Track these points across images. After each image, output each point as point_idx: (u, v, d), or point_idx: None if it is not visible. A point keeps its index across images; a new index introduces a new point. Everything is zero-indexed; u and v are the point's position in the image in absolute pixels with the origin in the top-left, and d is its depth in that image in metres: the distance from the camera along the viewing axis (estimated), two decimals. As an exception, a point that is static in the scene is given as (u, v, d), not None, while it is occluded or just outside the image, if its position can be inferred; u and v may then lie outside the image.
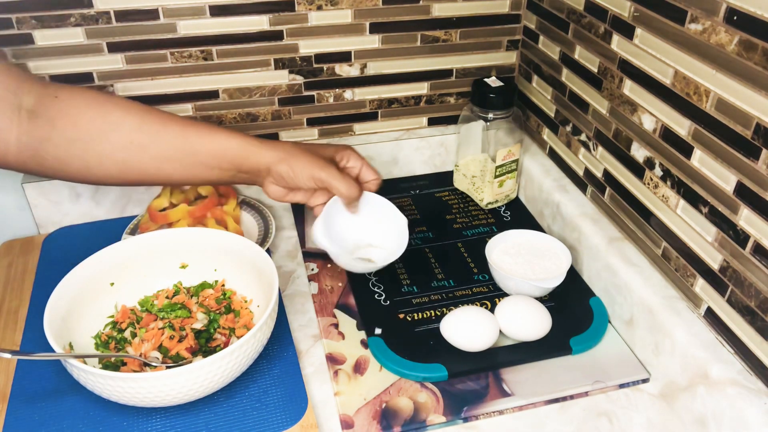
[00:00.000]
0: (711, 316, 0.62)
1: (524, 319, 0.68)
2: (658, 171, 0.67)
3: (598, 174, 0.79)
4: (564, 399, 0.65)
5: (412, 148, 0.97)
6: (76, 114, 0.65)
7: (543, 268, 0.75)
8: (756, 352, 0.58)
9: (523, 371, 0.67)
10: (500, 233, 0.80)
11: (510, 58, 0.95)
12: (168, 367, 0.63)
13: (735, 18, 0.54)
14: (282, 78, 0.88)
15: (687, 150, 0.63)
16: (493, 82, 0.85)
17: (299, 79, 0.89)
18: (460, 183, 0.94)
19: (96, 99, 0.67)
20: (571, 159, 0.85)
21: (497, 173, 0.87)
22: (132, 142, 0.66)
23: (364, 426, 0.61)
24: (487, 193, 0.89)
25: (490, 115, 0.85)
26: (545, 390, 0.65)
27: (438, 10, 0.88)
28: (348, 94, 0.92)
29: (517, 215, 0.90)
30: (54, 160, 0.65)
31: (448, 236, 0.85)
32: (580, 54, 0.79)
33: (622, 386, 0.66)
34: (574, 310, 0.73)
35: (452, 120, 0.98)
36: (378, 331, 0.70)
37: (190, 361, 0.62)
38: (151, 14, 0.80)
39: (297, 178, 0.69)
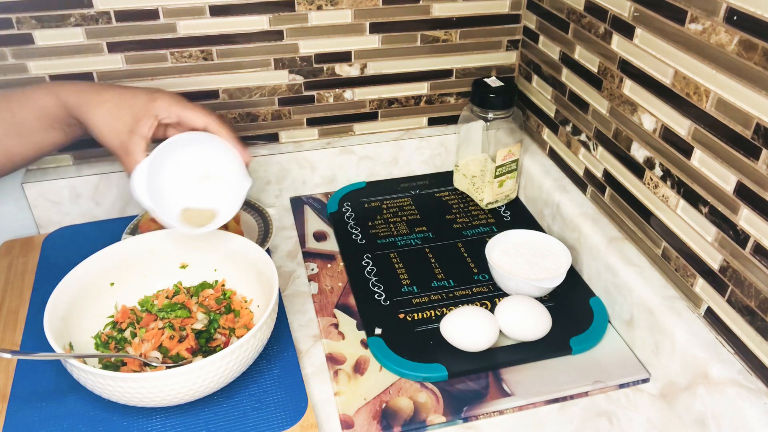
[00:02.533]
0: (711, 316, 0.63)
1: (524, 319, 0.68)
2: (658, 171, 0.67)
3: (598, 174, 0.79)
4: (564, 399, 0.65)
5: (412, 148, 0.97)
6: None
7: (543, 268, 0.75)
8: (756, 352, 0.58)
9: (523, 371, 0.67)
10: (500, 233, 0.80)
11: (510, 58, 0.95)
12: (168, 367, 0.63)
13: (735, 18, 0.54)
14: (282, 78, 0.88)
15: (687, 150, 0.63)
16: (493, 82, 0.85)
17: (299, 79, 0.89)
18: (460, 183, 0.94)
19: None
20: (571, 159, 0.85)
21: (497, 173, 0.87)
22: None
23: (364, 426, 0.61)
24: (487, 193, 0.89)
25: (490, 115, 0.85)
26: (545, 390, 0.65)
27: (438, 10, 0.88)
28: (348, 94, 0.92)
29: (517, 215, 0.90)
30: None
31: (448, 236, 0.85)
32: (580, 54, 0.79)
33: (622, 386, 0.66)
34: (574, 310, 0.73)
35: (452, 120, 0.98)
36: (378, 331, 0.70)
37: (190, 361, 0.62)
38: (151, 14, 0.80)
39: (101, 126, 0.64)
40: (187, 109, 0.65)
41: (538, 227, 0.87)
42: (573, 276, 0.77)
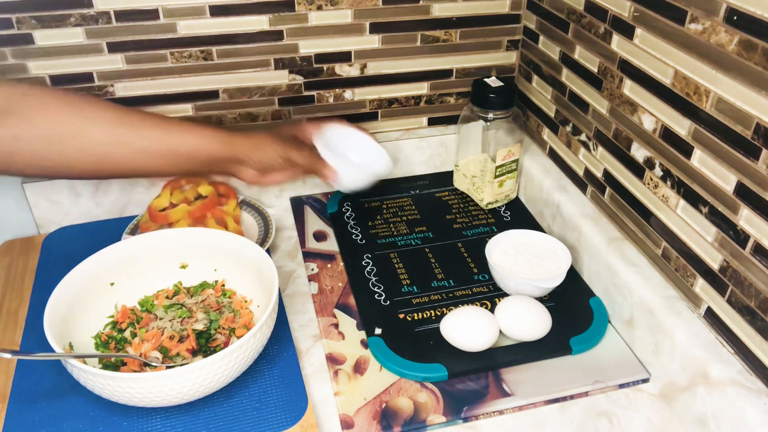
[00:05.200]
0: (711, 316, 0.63)
1: (524, 319, 0.68)
2: (658, 171, 0.67)
3: (598, 174, 0.79)
4: (564, 399, 0.65)
5: (412, 148, 0.97)
6: (51, 110, 0.66)
7: (543, 268, 0.75)
8: (756, 352, 0.58)
9: (523, 371, 0.67)
10: (500, 233, 0.80)
11: (510, 58, 0.95)
12: (168, 367, 0.63)
13: (735, 18, 0.54)
14: (282, 78, 0.88)
15: (687, 150, 0.63)
16: (493, 82, 0.85)
17: (299, 79, 0.89)
18: (460, 183, 0.94)
19: (68, 96, 0.68)
20: (571, 159, 0.85)
21: (497, 173, 0.87)
22: (112, 137, 0.68)
23: (364, 426, 0.61)
24: (487, 193, 0.89)
25: (490, 115, 0.85)
26: (545, 390, 0.65)
27: (438, 10, 0.88)
28: (348, 94, 0.92)
29: (517, 215, 0.90)
30: (29, 157, 0.66)
31: (448, 236, 0.85)
32: (580, 54, 0.79)
33: (622, 386, 0.66)
34: (574, 310, 0.73)
35: (452, 120, 0.98)
36: (378, 331, 0.70)
37: (190, 362, 0.62)
38: (151, 14, 0.80)
39: (268, 160, 0.76)
40: (324, 121, 0.82)
41: (538, 227, 0.87)
42: (573, 276, 0.77)
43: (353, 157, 0.85)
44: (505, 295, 0.75)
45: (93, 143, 0.67)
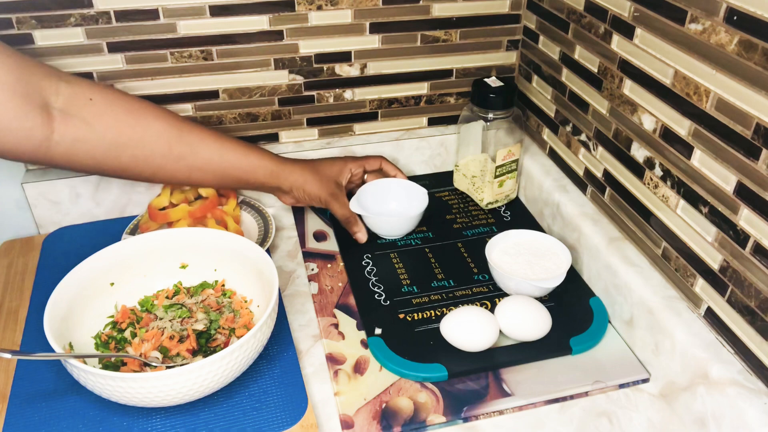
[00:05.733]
0: (711, 316, 0.63)
1: (524, 319, 0.68)
2: (658, 171, 0.67)
3: (598, 174, 0.79)
4: (564, 399, 0.65)
5: (412, 148, 0.97)
6: (115, 119, 0.67)
7: (543, 268, 0.75)
8: (756, 352, 0.58)
9: (523, 371, 0.67)
10: (500, 233, 0.80)
11: (510, 58, 0.95)
12: (168, 367, 0.63)
13: (735, 18, 0.54)
14: (282, 78, 0.88)
15: (687, 150, 0.63)
16: (493, 82, 0.85)
17: (299, 79, 0.89)
18: (460, 183, 0.94)
19: (132, 105, 0.70)
20: (571, 159, 0.85)
21: (497, 173, 0.87)
22: (171, 152, 0.71)
23: (364, 426, 0.61)
24: (487, 193, 0.89)
25: (490, 115, 0.85)
26: (545, 390, 0.65)
27: (438, 10, 0.88)
28: (348, 94, 0.92)
29: (517, 215, 0.90)
30: (88, 159, 0.67)
31: (448, 236, 0.85)
32: (580, 54, 0.79)
33: (622, 386, 0.66)
34: (574, 310, 0.73)
35: (452, 120, 0.98)
36: (378, 331, 0.70)
37: (190, 362, 0.62)
38: (151, 14, 0.80)
39: (309, 200, 0.83)
40: (364, 159, 0.88)
41: (538, 227, 0.87)
42: (573, 276, 0.77)
43: (393, 205, 0.88)
44: (505, 295, 0.75)
45: (151, 156, 0.70)
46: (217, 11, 0.81)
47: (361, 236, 0.83)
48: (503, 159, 0.86)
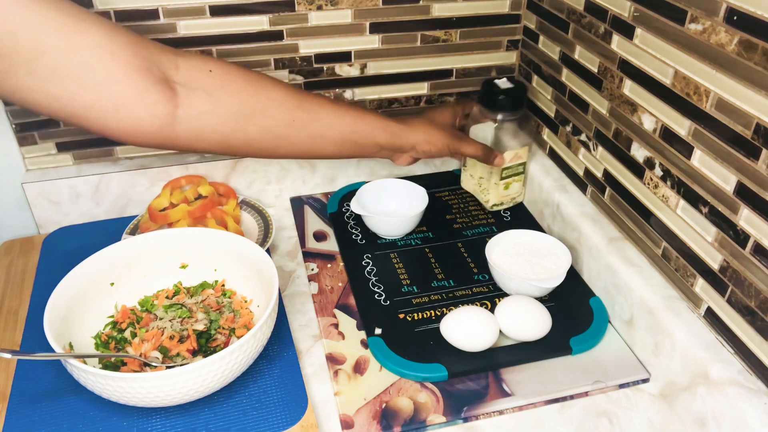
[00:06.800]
0: (711, 316, 0.63)
1: (524, 319, 0.68)
2: (658, 171, 0.67)
3: (598, 174, 0.79)
4: (564, 399, 0.65)
5: (412, 148, 0.97)
6: (237, 89, 0.66)
7: (543, 268, 0.75)
8: (756, 352, 0.58)
9: (523, 371, 0.67)
10: (500, 233, 0.80)
11: (510, 58, 0.95)
12: (168, 367, 0.63)
13: (735, 18, 0.54)
14: (282, 78, 0.88)
15: (687, 150, 0.63)
16: (503, 83, 0.84)
17: (299, 79, 0.89)
18: (467, 183, 0.94)
19: (251, 75, 0.68)
20: (571, 159, 0.85)
21: (503, 175, 0.87)
22: (294, 120, 0.69)
23: (364, 426, 0.61)
24: (493, 195, 0.89)
25: (499, 117, 0.84)
26: (545, 390, 0.65)
27: (438, 10, 0.88)
28: (348, 94, 0.92)
29: (517, 215, 0.90)
30: (214, 135, 0.66)
31: (448, 236, 0.85)
32: (580, 54, 0.79)
33: (622, 386, 0.66)
34: (574, 310, 0.73)
35: (452, 120, 0.98)
36: (378, 331, 0.70)
37: (190, 362, 0.62)
38: (151, 14, 0.80)
39: (436, 153, 0.79)
40: (464, 103, 0.88)
41: (538, 227, 0.87)
42: (573, 276, 0.77)
43: (393, 205, 0.89)
44: (505, 295, 0.75)
45: (275, 125, 0.68)
46: (217, 11, 0.81)
47: (500, 161, 0.83)
48: (510, 161, 0.86)
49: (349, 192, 0.93)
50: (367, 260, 0.81)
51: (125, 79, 0.58)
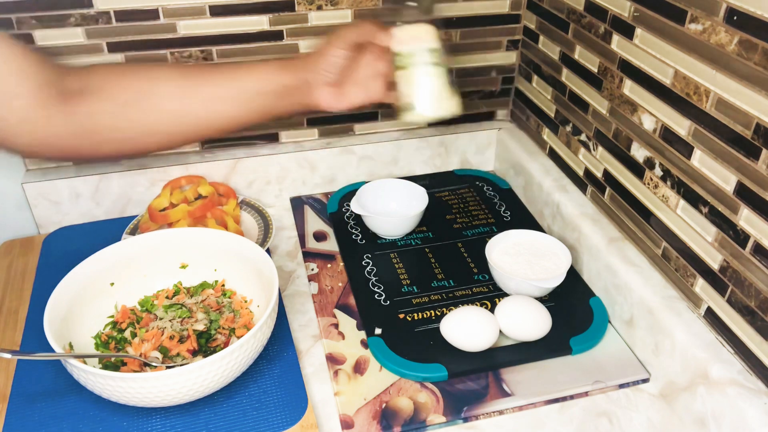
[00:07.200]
0: (711, 316, 0.63)
1: (524, 319, 0.68)
2: (658, 171, 0.67)
3: (598, 174, 0.79)
4: (564, 399, 0.65)
5: (412, 148, 0.97)
6: (119, 78, 0.66)
7: (543, 268, 0.75)
8: (756, 352, 0.58)
9: (523, 371, 0.67)
10: (500, 233, 0.80)
11: (510, 58, 0.95)
12: (168, 367, 0.63)
13: (735, 18, 0.54)
14: (282, 78, 0.88)
15: (687, 150, 0.63)
16: None
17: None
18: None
19: (131, 64, 0.68)
20: (571, 159, 0.85)
21: (398, 63, 0.66)
22: (181, 89, 0.67)
23: (364, 426, 0.61)
24: (402, 93, 0.67)
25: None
26: (545, 390, 0.65)
27: (438, 10, 0.88)
28: (348, 94, 0.92)
29: (517, 215, 0.90)
30: (111, 132, 0.65)
31: (448, 236, 0.85)
32: (580, 54, 0.79)
33: (622, 386, 0.66)
34: (574, 310, 0.73)
35: (452, 120, 0.98)
36: (378, 331, 0.70)
37: (190, 362, 0.62)
38: (151, 14, 0.80)
39: (335, 62, 0.68)
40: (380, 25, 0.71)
41: (538, 227, 0.87)
42: (573, 276, 0.77)
43: (393, 205, 0.89)
44: (505, 295, 0.75)
45: (165, 99, 0.67)
46: (217, 11, 0.81)
47: (385, 38, 0.68)
48: (407, 41, 0.66)
49: (349, 192, 0.93)
50: (367, 260, 0.81)
51: (26, 94, 0.60)
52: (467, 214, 0.90)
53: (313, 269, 0.81)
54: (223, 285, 0.74)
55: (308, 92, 0.70)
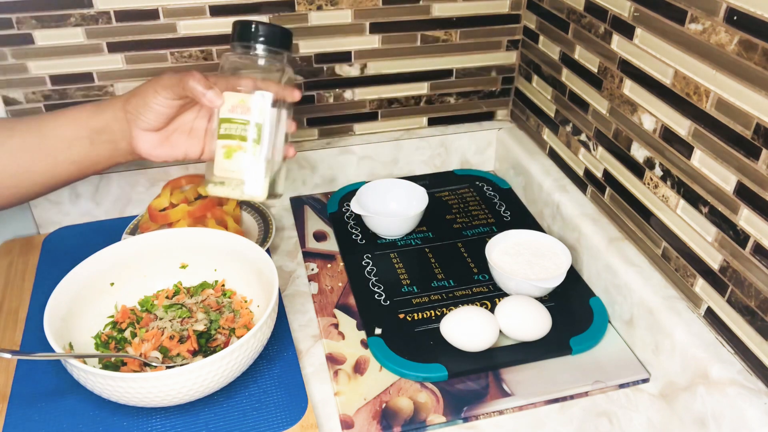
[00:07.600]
0: (711, 316, 0.63)
1: (524, 319, 0.68)
2: (658, 171, 0.67)
3: (598, 174, 0.79)
4: (564, 399, 0.65)
5: (412, 148, 0.97)
6: None
7: (543, 268, 0.75)
8: (756, 352, 0.58)
9: (523, 371, 0.67)
10: (500, 233, 0.80)
11: (510, 58, 0.95)
12: (168, 367, 0.63)
13: (735, 18, 0.54)
14: (282, 78, 0.88)
15: (687, 150, 0.63)
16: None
17: (299, 79, 0.89)
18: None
19: None
20: (571, 159, 0.85)
21: (222, 132, 0.60)
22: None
23: (364, 426, 0.61)
24: (209, 169, 0.62)
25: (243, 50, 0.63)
26: (545, 390, 0.65)
27: (438, 10, 0.88)
28: (348, 94, 0.92)
29: (517, 215, 0.90)
30: None
31: (448, 236, 0.85)
32: (580, 54, 0.79)
33: (622, 386, 0.66)
34: (574, 310, 0.73)
35: (452, 120, 0.98)
36: (378, 331, 0.70)
37: (190, 362, 0.62)
38: (151, 14, 0.80)
39: (150, 98, 0.62)
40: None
41: (538, 227, 0.87)
42: (573, 276, 0.77)
43: (393, 205, 0.89)
44: (505, 295, 0.75)
45: None
46: (217, 11, 0.81)
47: (208, 97, 0.60)
48: (232, 110, 0.59)
49: (349, 192, 0.93)
50: (367, 260, 0.81)
51: None
52: (467, 214, 0.90)
53: (313, 269, 0.81)
54: (223, 285, 0.74)
55: (127, 138, 0.65)
